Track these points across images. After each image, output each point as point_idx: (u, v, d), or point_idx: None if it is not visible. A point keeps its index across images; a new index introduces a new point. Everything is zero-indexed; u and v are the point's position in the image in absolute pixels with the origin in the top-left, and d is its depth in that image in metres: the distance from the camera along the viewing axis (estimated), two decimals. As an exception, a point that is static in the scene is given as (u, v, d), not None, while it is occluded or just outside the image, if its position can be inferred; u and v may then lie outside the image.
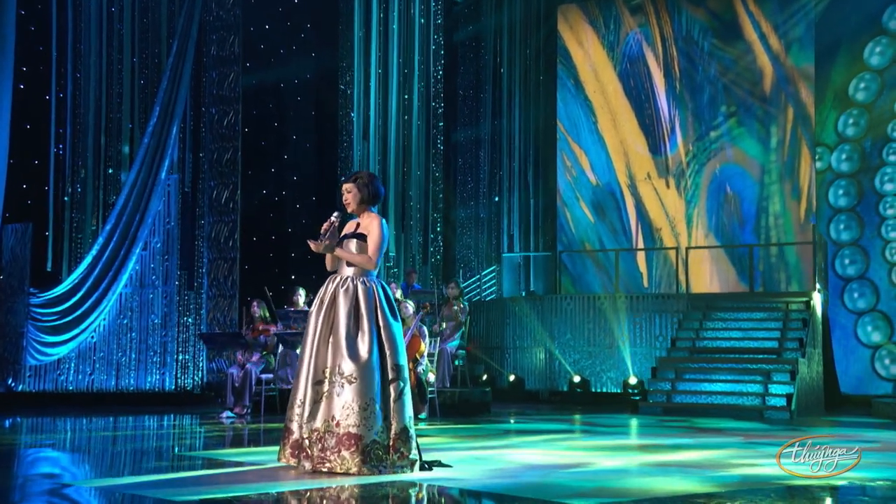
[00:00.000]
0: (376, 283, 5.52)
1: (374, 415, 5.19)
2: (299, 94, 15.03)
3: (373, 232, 5.52)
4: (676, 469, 5.66)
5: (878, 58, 14.47)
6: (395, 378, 5.35)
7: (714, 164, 15.14)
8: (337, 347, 5.31)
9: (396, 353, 5.39)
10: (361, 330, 5.36)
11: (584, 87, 15.96)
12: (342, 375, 5.24)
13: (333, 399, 5.23)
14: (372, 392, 5.22)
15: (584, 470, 5.65)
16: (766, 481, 5.13)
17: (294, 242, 14.69)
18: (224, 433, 8.42)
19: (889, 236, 14.23)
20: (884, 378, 14.03)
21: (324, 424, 5.21)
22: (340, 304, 5.40)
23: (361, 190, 5.59)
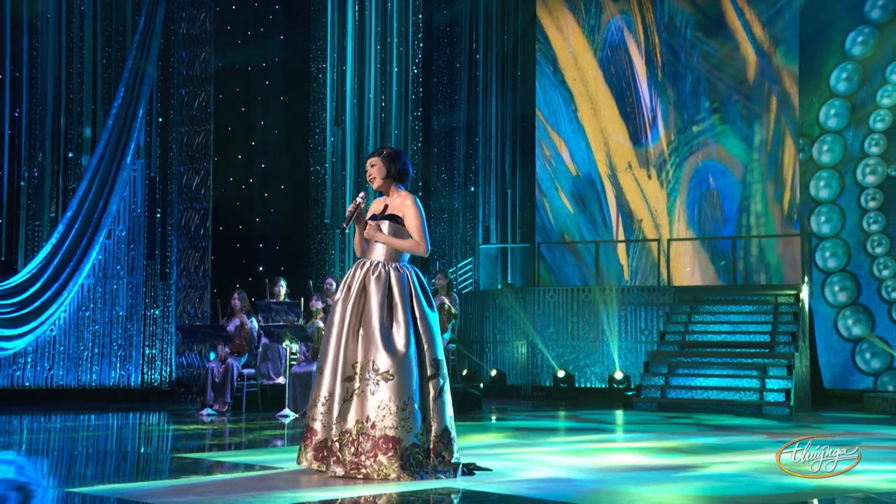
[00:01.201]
0: (410, 268, 5.05)
1: (412, 415, 4.73)
2: (268, 76, 14.40)
3: (410, 212, 5.04)
4: (752, 473, 5.24)
5: (860, 48, 14.33)
6: (434, 374, 4.89)
7: (696, 160, 14.90)
8: (369, 340, 4.82)
9: (434, 346, 4.93)
10: (396, 321, 4.88)
11: (563, 74, 15.60)
12: (377, 372, 4.76)
13: (367, 398, 4.74)
14: (410, 390, 4.75)
15: (644, 473, 5.23)
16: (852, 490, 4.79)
17: (262, 232, 14.09)
18: (221, 432, 7.87)
19: (871, 229, 14.11)
20: (864, 372, 13.91)
21: (356, 426, 4.73)
22: (372, 292, 4.91)
23: (387, 164, 5.11)
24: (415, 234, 5.01)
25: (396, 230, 5.03)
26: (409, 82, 14.49)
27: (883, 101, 14.15)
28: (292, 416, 9.22)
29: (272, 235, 14.09)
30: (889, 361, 13.79)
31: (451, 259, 14.77)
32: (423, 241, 5.00)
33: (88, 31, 12.52)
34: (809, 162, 14.51)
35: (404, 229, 5.03)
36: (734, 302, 12.51)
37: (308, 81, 14.55)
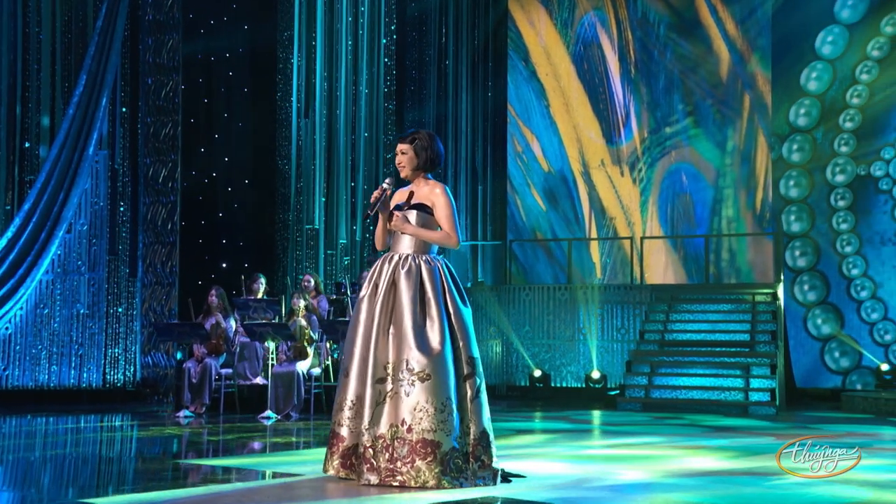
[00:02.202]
0: (440, 260, 4.76)
1: (451, 417, 4.44)
2: (237, 66, 13.93)
3: (440, 201, 4.75)
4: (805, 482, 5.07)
5: (830, 47, 14.40)
6: (470, 373, 4.61)
7: (669, 161, 14.82)
8: (402, 339, 4.52)
9: (470, 343, 4.65)
10: (430, 317, 4.59)
11: (535, 69, 15.40)
12: (411, 372, 4.47)
13: (401, 400, 4.45)
14: (448, 390, 4.47)
15: (696, 478, 5.01)
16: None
17: (226, 228, 13.64)
18: (208, 435, 7.49)
19: (840, 228, 14.19)
20: (833, 371, 13.98)
21: (390, 430, 4.43)
22: (402, 287, 4.62)
23: (420, 154, 4.82)
24: (445, 225, 4.74)
25: (425, 220, 4.75)
26: (380, 74, 14.15)
27: (853, 101, 14.24)
28: (275, 418, 8.87)
29: (236, 231, 13.65)
30: (858, 360, 13.88)
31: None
32: (455, 232, 4.73)
33: (46, 15, 11.98)
34: (780, 161, 14.54)
35: (433, 220, 4.76)
36: (712, 301, 12.44)
37: (275, 72, 14.13)
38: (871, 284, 13.95)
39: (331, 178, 13.86)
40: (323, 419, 8.93)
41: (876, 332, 13.84)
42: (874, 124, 14.10)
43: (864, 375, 13.76)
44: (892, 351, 13.69)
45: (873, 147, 14.07)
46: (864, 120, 14.15)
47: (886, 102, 14.06)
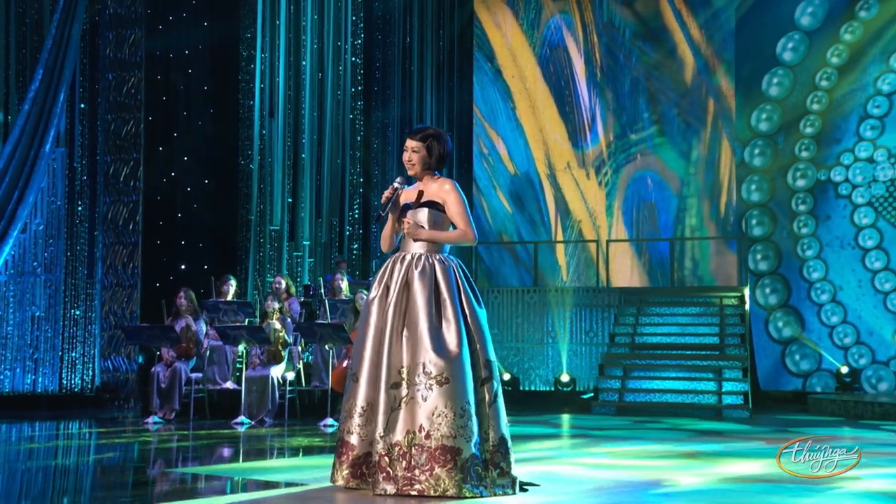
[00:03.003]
0: (454, 260, 4.60)
1: (471, 422, 4.28)
2: (198, 63, 13.57)
3: (451, 198, 4.58)
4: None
5: (790, 53, 14.56)
6: (487, 377, 4.45)
7: (634, 168, 14.85)
8: (418, 342, 4.35)
9: (486, 346, 4.49)
10: (446, 319, 4.42)
11: (501, 71, 15.32)
12: (429, 376, 4.29)
13: (418, 405, 4.27)
14: (466, 394, 4.31)
15: (742, 485, 4.91)
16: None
17: (184, 229, 13.27)
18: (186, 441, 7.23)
19: (801, 232, 14.35)
20: (793, 374, 14.13)
21: (407, 437, 4.25)
22: (416, 288, 4.45)
23: (431, 152, 4.63)
24: (460, 223, 4.58)
25: (437, 219, 4.58)
26: (347, 74, 13.93)
27: (813, 107, 14.41)
28: (248, 424, 8.62)
29: (196, 232, 13.30)
30: (818, 363, 14.04)
31: (385, 258, 14.28)
32: (470, 228, 4.58)
33: (0, 6, 11.56)
34: (742, 165, 14.66)
35: (445, 217, 4.60)
36: (680, 304, 12.47)
37: (237, 69, 13.81)
38: (831, 288, 14.13)
39: (296, 179, 13.59)
40: (297, 425, 8.72)
41: (836, 335, 14.02)
42: (834, 130, 14.29)
43: (823, 378, 13.92)
44: (851, 354, 13.88)
45: (833, 152, 14.26)
46: (824, 126, 14.34)
47: (845, 109, 14.26)
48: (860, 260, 14.00)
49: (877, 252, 13.92)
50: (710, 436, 7.86)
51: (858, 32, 14.20)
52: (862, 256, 14.00)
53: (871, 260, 13.94)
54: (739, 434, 8.10)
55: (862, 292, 13.94)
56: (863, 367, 13.77)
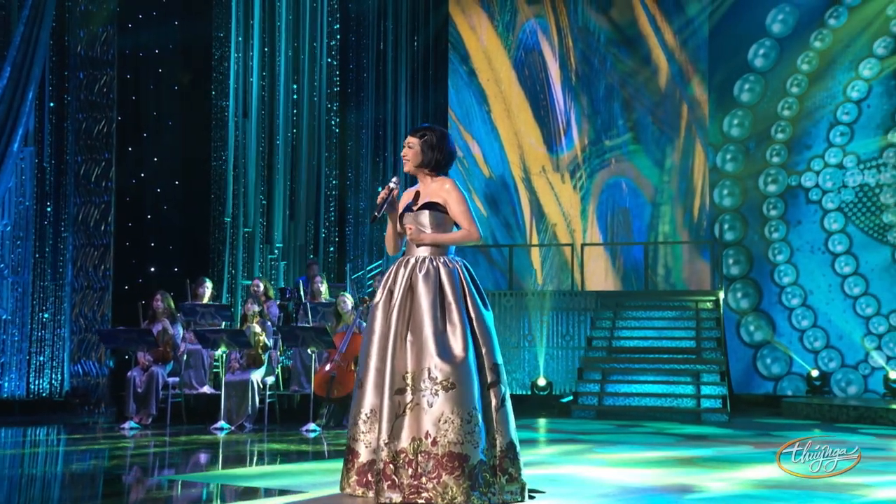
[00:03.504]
0: (459, 261, 4.52)
1: (478, 428, 4.20)
2: (172, 62, 13.33)
3: (452, 197, 4.50)
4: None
5: (761, 60, 14.69)
6: (494, 381, 4.36)
7: (608, 174, 14.88)
8: (422, 346, 4.25)
9: (493, 350, 4.39)
10: (451, 323, 4.33)
11: (477, 74, 15.27)
12: (434, 381, 4.20)
13: (424, 411, 4.18)
14: (473, 400, 4.22)
15: (775, 490, 4.86)
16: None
17: (153, 231, 13.05)
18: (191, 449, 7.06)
19: (772, 237, 14.47)
20: (764, 377, 14.24)
21: (413, 444, 4.16)
22: (421, 292, 4.35)
23: (425, 151, 4.56)
24: (463, 222, 4.48)
25: (439, 220, 4.49)
26: (322, 75, 13.79)
27: (784, 113, 14.55)
28: (228, 429, 8.47)
29: (166, 234, 13.08)
30: (788, 367, 14.16)
31: (359, 262, 14.16)
32: (474, 226, 4.48)
33: (-34, 2, 11.29)
34: (714, 170, 14.76)
35: (448, 218, 4.51)
36: (656, 308, 12.50)
37: (209, 70, 13.61)
38: (801, 292, 14.26)
39: (270, 180, 13.43)
40: (277, 430, 8.59)
41: (806, 339, 14.15)
42: (805, 136, 14.43)
43: (794, 381, 14.04)
44: (822, 357, 14.02)
45: (804, 158, 14.40)
46: (795, 132, 14.48)
47: (816, 115, 14.41)
48: (830, 265, 14.15)
49: (846, 257, 14.08)
50: (697, 440, 7.86)
51: (828, 40, 14.36)
52: (832, 261, 14.14)
53: (841, 265, 14.09)
54: (725, 438, 8.11)
55: (832, 297, 14.08)
56: (833, 371, 13.91)
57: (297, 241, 13.46)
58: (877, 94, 14.07)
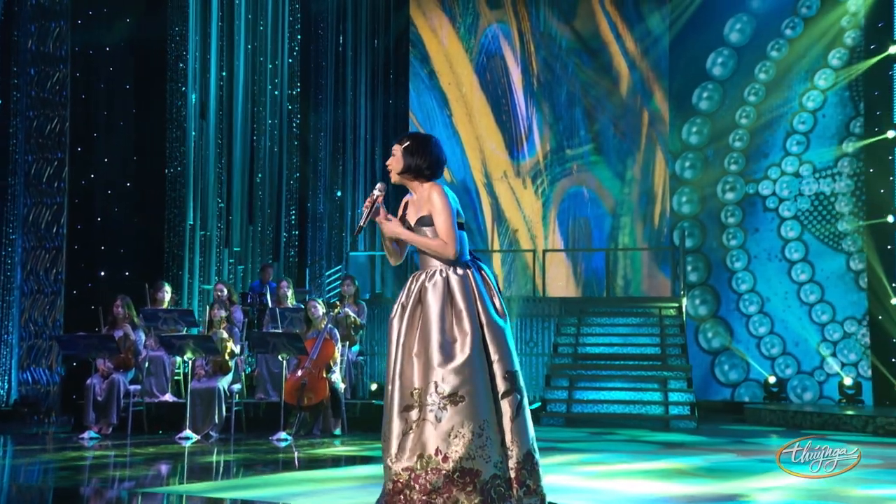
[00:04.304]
0: (472, 268, 4.28)
1: (490, 441, 3.99)
2: (114, 62, 12.89)
3: (435, 207, 4.15)
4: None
5: (720, 69, 14.80)
6: (508, 390, 4.10)
7: (569, 182, 14.83)
8: (429, 360, 4.02)
9: (507, 356, 4.12)
10: (462, 331, 4.09)
11: (438, 78, 15.11)
12: (441, 395, 3.96)
13: (433, 426, 3.96)
14: (484, 412, 4.01)
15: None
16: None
17: (104, 234, 12.60)
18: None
19: (730, 244, 14.56)
20: (722, 384, 14.31)
21: (422, 461, 3.95)
22: (430, 302, 4.11)
23: (406, 159, 4.22)
24: (440, 233, 4.13)
25: (433, 234, 4.26)
26: (284, 75, 13.50)
27: (741, 121, 14.67)
28: (194, 438, 8.16)
29: (117, 237, 12.63)
30: (746, 373, 14.25)
31: (319, 266, 13.89)
32: (452, 240, 4.11)
33: None
34: (673, 177, 14.82)
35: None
36: (620, 314, 12.46)
37: (164, 69, 13.20)
38: (758, 299, 14.37)
39: (229, 183, 13.09)
40: (244, 439, 8.30)
41: (763, 345, 14.26)
42: (762, 145, 14.57)
43: (751, 388, 14.14)
44: (778, 364, 14.13)
45: (761, 166, 14.53)
46: (753, 140, 14.60)
47: (773, 124, 14.55)
48: (787, 272, 14.29)
49: (802, 264, 14.22)
50: (676, 448, 7.79)
51: (785, 50, 14.53)
52: (788, 269, 14.29)
53: (797, 272, 14.23)
54: (703, 446, 8.05)
55: (788, 304, 14.21)
56: (789, 378, 14.03)
57: (256, 245, 13.14)
58: (832, 105, 14.25)
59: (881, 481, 5.50)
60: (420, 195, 4.30)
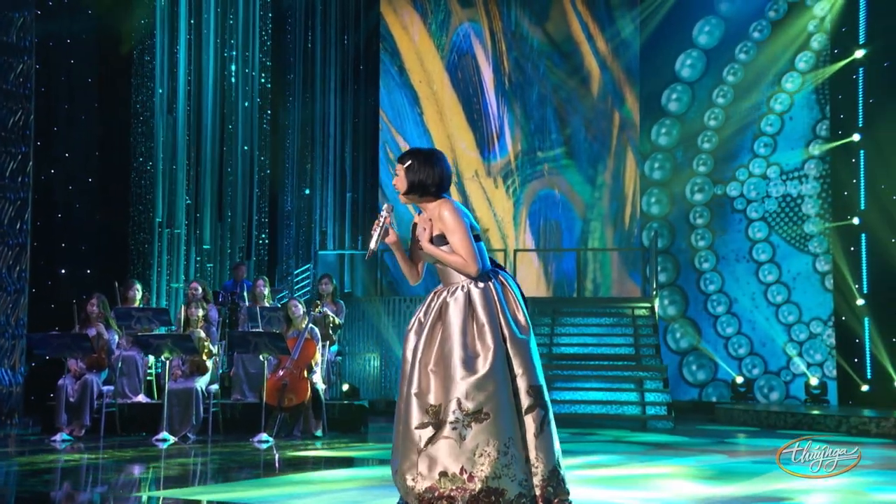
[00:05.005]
0: (493, 280, 4.14)
1: (515, 459, 3.84)
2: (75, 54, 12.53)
3: (447, 225, 4.00)
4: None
5: (689, 70, 14.88)
6: (532, 405, 3.92)
7: (540, 185, 14.79)
8: (451, 375, 3.89)
9: (532, 371, 3.96)
10: (484, 346, 3.93)
11: (409, 76, 14.96)
12: (465, 412, 3.82)
13: (456, 444, 3.83)
14: (509, 429, 3.86)
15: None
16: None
17: (65, 231, 12.26)
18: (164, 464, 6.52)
19: (698, 245, 14.64)
20: (690, 384, 14.38)
21: (445, 479, 3.82)
22: (452, 318, 3.96)
23: (409, 177, 4.07)
24: (459, 252, 4.00)
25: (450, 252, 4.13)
26: (255, 70, 13.25)
27: (710, 123, 14.77)
28: (171, 440, 7.94)
29: (78, 234, 12.30)
30: (713, 373, 14.34)
31: (287, 265, 13.67)
32: (472, 259, 3.98)
33: None
34: (642, 178, 14.86)
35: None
36: (594, 314, 12.45)
37: (128, 63, 12.89)
38: (726, 300, 14.48)
39: (197, 179, 12.82)
40: (223, 440, 8.10)
41: (731, 345, 14.37)
42: (730, 146, 14.67)
43: (719, 388, 14.23)
44: (745, 364, 14.24)
45: (729, 168, 14.63)
46: (721, 142, 14.70)
47: (741, 126, 14.66)
48: (754, 273, 14.41)
49: (769, 265, 14.35)
50: (667, 449, 7.77)
51: (752, 52, 14.64)
52: (756, 269, 14.41)
53: (765, 273, 14.36)
54: (691, 447, 8.03)
55: (755, 304, 14.33)
56: (756, 377, 14.15)
57: (226, 243, 12.89)
58: (799, 107, 14.41)
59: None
60: (430, 213, 4.14)
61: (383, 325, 12.42)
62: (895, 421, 9.61)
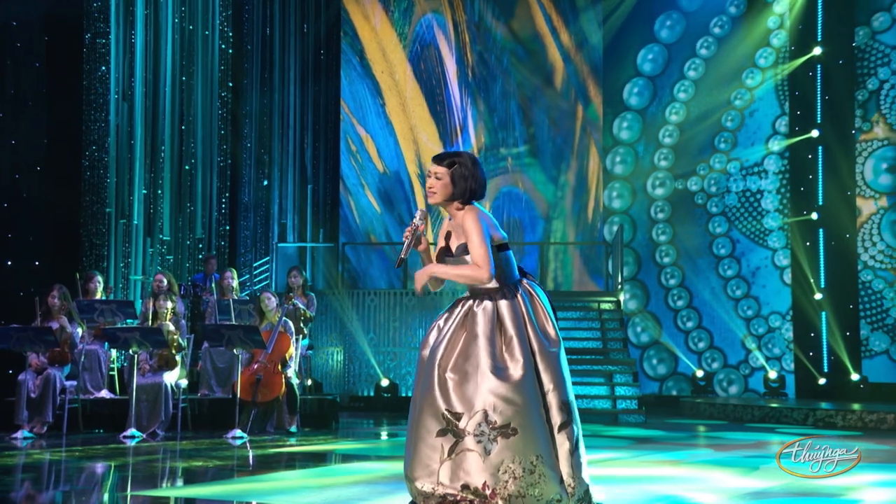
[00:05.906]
0: (520, 291, 3.94)
1: (544, 478, 3.67)
2: (22, 37, 12.04)
3: (468, 231, 3.85)
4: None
5: (650, 65, 14.90)
6: (566, 421, 3.79)
7: (503, 182, 14.66)
8: (478, 385, 3.71)
9: (562, 386, 3.83)
10: (513, 358, 3.78)
11: (371, 66, 14.72)
12: (492, 426, 3.67)
13: (479, 457, 3.67)
14: (538, 446, 3.70)
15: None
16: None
17: (10, 221, 11.78)
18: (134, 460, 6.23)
19: (659, 239, 14.67)
20: (651, 378, 14.40)
21: (467, 491, 3.65)
22: (479, 327, 3.81)
23: (458, 182, 3.91)
24: (472, 256, 3.83)
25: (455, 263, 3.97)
26: (215, 58, 12.90)
27: (671, 118, 14.80)
28: (139, 437, 7.65)
29: (25, 224, 11.82)
30: (674, 367, 14.39)
31: (245, 258, 13.35)
32: (485, 263, 3.79)
33: None
34: (604, 172, 14.84)
35: None
36: (560, 308, 12.30)
37: (80, 47, 12.44)
38: (686, 294, 14.53)
39: (154, 169, 12.44)
40: (193, 437, 7.83)
41: (691, 340, 14.43)
42: (691, 141, 14.71)
43: (679, 382, 14.29)
44: (705, 358, 14.32)
45: (690, 163, 14.68)
46: (682, 137, 14.74)
47: (702, 121, 14.71)
48: (714, 267, 14.48)
49: (729, 260, 14.44)
50: (648, 444, 7.71)
51: (713, 48, 14.70)
52: (716, 264, 14.48)
53: (724, 268, 14.44)
54: (671, 441, 7.99)
55: (715, 298, 14.41)
56: (715, 371, 14.23)
57: (185, 235, 12.52)
58: (759, 103, 14.50)
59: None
60: (457, 220, 3.97)
61: (347, 318, 12.20)
62: (860, 413, 9.71)
